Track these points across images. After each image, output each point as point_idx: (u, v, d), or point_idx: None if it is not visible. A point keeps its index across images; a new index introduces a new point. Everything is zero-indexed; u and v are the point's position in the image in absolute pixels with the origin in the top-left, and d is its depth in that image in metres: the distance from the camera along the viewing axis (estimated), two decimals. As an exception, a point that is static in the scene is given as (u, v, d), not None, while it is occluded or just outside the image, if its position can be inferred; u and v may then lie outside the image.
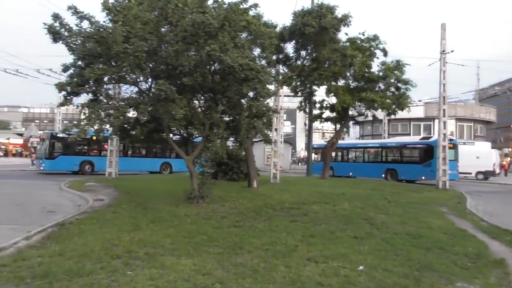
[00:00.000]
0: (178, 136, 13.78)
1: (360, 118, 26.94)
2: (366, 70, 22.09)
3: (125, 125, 11.94)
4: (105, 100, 10.63)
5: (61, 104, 10.74)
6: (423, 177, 25.19)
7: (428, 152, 25.53)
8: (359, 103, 24.34)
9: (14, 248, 6.96)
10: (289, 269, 5.89)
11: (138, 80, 10.99)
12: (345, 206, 12.04)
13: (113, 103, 10.56)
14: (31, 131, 50.43)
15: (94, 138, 24.37)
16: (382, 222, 9.80)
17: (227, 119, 12.93)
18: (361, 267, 6.08)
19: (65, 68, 10.94)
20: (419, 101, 39.76)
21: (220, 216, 10.13)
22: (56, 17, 10.02)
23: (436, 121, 25.12)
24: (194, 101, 12.83)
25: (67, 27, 10.14)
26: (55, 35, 9.92)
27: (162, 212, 10.38)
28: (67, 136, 24.15)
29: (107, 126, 11.46)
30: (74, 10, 10.09)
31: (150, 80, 11.59)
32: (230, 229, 8.58)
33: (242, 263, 6.14)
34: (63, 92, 10.57)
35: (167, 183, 19.20)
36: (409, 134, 44.16)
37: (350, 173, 29.15)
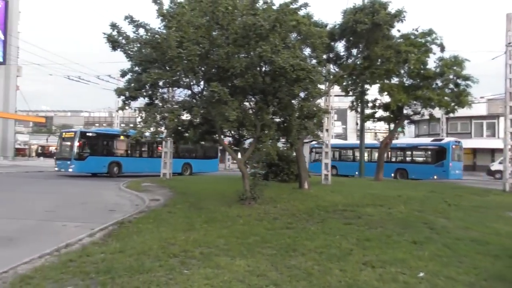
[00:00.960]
0: (230, 138, 13.96)
1: (416, 117, 25.87)
2: (422, 66, 21.13)
3: (179, 128, 12.28)
4: (160, 104, 11.01)
5: (120, 108, 11.27)
6: (435, 177, 27.22)
7: (440, 153, 28.16)
8: (415, 102, 23.36)
9: (79, 244, 7.36)
10: (345, 273, 5.75)
11: (191, 83, 11.26)
12: (401, 209, 11.60)
13: (168, 106, 10.91)
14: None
15: (122, 137, 25.50)
16: (442, 226, 9.32)
17: (278, 120, 12.91)
18: (421, 274, 5.80)
19: (123, 74, 11.47)
20: (481, 97, 37.52)
21: (272, 218, 10.13)
22: (114, 26, 10.52)
23: (501, 118, 23.68)
24: (245, 103, 12.96)
25: (124, 35, 10.64)
26: (114, 43, 10.42)
27: (215, 213, 10.55)
28: (95, 134, 25.44)
29: (162, 128, 11.86)
30: (131, 19, 10.55)
31: (202, 83, 11.85)
32: (282, 231, 8.55)
33: (296, 265, 6.09)
34: (122, 97, 11.06)
35: (219, 184, 19.53)
36: (469, 133, 41.85)
37: (356, 173, 29.15)
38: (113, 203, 13.70)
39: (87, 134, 24.87)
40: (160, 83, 10.90)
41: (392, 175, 28.46)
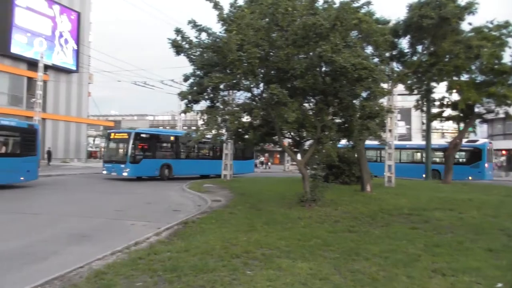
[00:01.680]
0: (290, 139, 13.91)
1: (489, 116, 24.10)
2: (496, 61, 19.62)
3: (240, 130, 12.43)
4: (221, 106, 11.23)
5: (183, 112, 11.66)
6: (470, 178, 26.95)
7: (476, 154, 28.14)
8: (487, 99, 21.77)
9: (147, 242, 7.69)
10: (412, 280, 5.47)
11: (251, 85, 11.36)
12: (473, 214, 10.86)
13: (229, 109, 11.10)
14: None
15: (172, 138, 24.67)
16: (521, 233, 8.59)
17: (338, 121, 12.65)
18: (499, 285, 5.37)
19: (186, 78, 11.86)
20: None
21: (333, 220, 9.94)
22: (178, 31, 10.90)
23: None
24: (305, 104, 12.85)
25: (188, 40, 10.98)
26: (178, 48, 10.80)
27: (275, 214, 10.56)
28: (148, 135, 23.53)
29: (223, 130, 12.08)
30: (194, 24, 10.87)
31: (262, 85, 11.92)
32: (344, 234, 8.36)
33: (360, 270, 5.90)
34: (185, 100, 11.43)
35: (278, 186, 19.53)
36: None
37: (423, 175, 27.61)
38: (177, 203, 14.21)
39: (141, 135, 22.88)
40: (221, 86, 11.10)
41: (424, 175, 27.70)
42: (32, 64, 32.08)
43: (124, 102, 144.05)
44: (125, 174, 21.92)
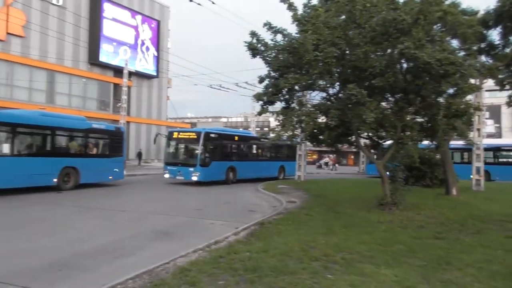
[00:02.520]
0: (368, 140, 13.43)
1: None
2: None
3: (315, 130, 12.27)
4: (297, 107, 11.15)
5: (259, 113, 11.78)
6: None
7: None
8: None
9: (226, 241, 7.85)
10: (514, 295, 4.97)
11: (327, 85, 11.16)
12: None
13: (305, 110, 11.00)
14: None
15: (236, 138, 22.93)
16: None
17: (420, 120, 11.96)
18: None
19: (261, 80, 11.95)
20: None
21: (417, 225, 9.40)
22: (253, 34, 11.04)
23: None
24: (383, 103, 12.32)
25: (263, 42, 11.07)
26: (254, 50, 10.93)
27: (353, 217, 10.25)
28: (218, 134, 20.95)
29: (298, 131, 11.99)
30: (269, 26, 10.93)
31: (338, 84, 11.66)
32: (431, 241, 7.85)
33: (452, 280, 5.48)
34: (260, 102, 11.53)
35: (353, 188, 19.02)
36: None
37: None
38: (252, 203, 14.39)
39: (211, 135, 20.39)
40: (296, 87, 11.03)
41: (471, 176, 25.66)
42: (117, 71, 34.53)
43: (200, 104, 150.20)
44: (194, 178, 19.49)
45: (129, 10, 36.60)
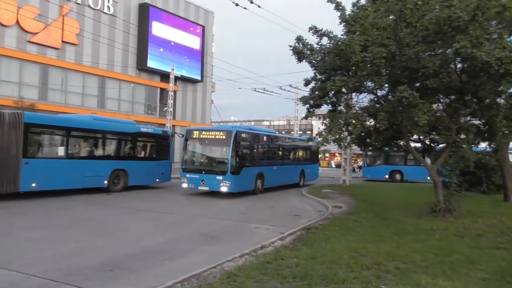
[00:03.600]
0: (419, 144, 12.87)
1: None
2: None
3: (362, 133, 11.93)
4: (344, 110, 10.89)
5: (305, 117, 11.61)
6: None
7: None
8: None
9: (272, 247, 7.76)
10: None
11: (376, 87, 10.81)
12: None
13: (353, 113, 10.72)
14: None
15: (265, 138, 19.04)
16: None
17: (476, 122, 11.31)
18: None
19: (307, 83, 11.80)
20: None
21: (474, 234, 8.86)
22: (299, 39, 10.94)
23: None
24: (434, 105, 11.77)
25: (308, 46, 10.93)
26: (299, 54, 10.81)
27: (404, 224, 9.84)
28: (249, 134, 17.00)
29: (345, 134, 11.70)
30: (315, 30, 10.79)
31: (387, 86, 11.27)
32: (492, 251, 7.36)
33: (519, 296, 5.08)
34: (307, 105, 11.37)
35: (401, 193, 18.35)
36: None
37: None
38: (297, 208, 14.21)
39: (243, 134, 16.57)
40: (343, 89, 10.77)
41: None
42: (164, 76, 35.52)
43: (243, 108, 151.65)
44: (224, 189, 15.48)
45: (175, 17, 37.57)
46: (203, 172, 16.07)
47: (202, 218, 11.29)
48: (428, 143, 12.11)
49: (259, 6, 12.86)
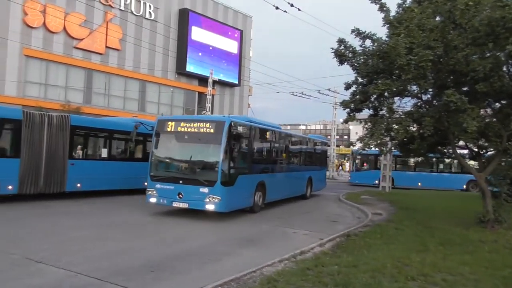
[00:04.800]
0: (465, 150, 12.32)
1: None
2: None
3: (405, 139, 11.56)
4: (387, 115, 10.59)
5: (345, 121, 11.39)
6: None
7: None
8: None
9: (311, 253, 7.65)
10: None
11: (421, 91, 10.45)
12: None
13: (396, 117, 10.40)
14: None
15: (268, 134, 14.08)
16: None
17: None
18: None
19: (347, 86, 11.57)
20: None
21: (529, 248, 8.33)
22: (341, 42, 10.76)
23: None
24: (485, 110, 11.23)
25: (351, 48, 10.73)
26: (341, 57, 10.63)
27: (450, 234, 9.41)
28: (247, 126, 12.26)
29: (387, 139, 11.38)
30: (357, 32, 10.59)
31: (431, 90, 10.88)
32: (549, 267, 6.87)
33: None
34: (347, 109, 11.15)
35: (445, 201, 17.65)
36: None
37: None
38: (335, 214, 13.97)
39: (239, 128, 11.64)
40: (386, 93, 10.48)
41: None
42: (202, 80, 36.08)
43: (279, 112, 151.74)
44: (210, 207, 10.80)
45: (214, 21, 38.11)
46: (181, 182, 11.01)
47: (239, 221, 11.28)
48: (476, 150, 11.55)
49: (299, 9, 12.77)
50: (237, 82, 41.05)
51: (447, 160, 25.79)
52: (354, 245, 8.33)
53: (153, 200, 11.49)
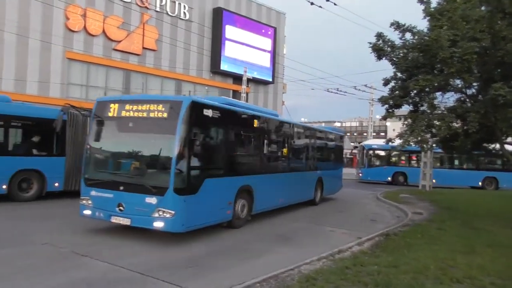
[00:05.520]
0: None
1: None
2: None
3: (447, 136, 11.12)
4: (428, 110, 10.21)
5: (384, 117, 11.10)
6: None
7: None
8: None
9: (350, 252, 7.48)
10: None
11: (465, 85, 10.01)
12: None
13: (438, 113, 10.02)
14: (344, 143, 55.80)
15: (256, 122, 10.54)
16: None
17: None
18: None
19: (386, 82, 11.27)
20: None
21: None
22: (379, 36, 10.47)
23: None
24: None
25: (389, 43, 10.43)
26: (379, 52, 10.35)
27: (498, 236, 8.98)
28: (216, 110, 8.32)
29: (428, 136, 11.01)
30: (397, 25, 10.27)
31: (476, 84, 10.40)
32: None
33: None
34: (386, 106, 10.86)
35: (491, 200, 16.85)
36: None
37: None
38: (372, 212, 13.65)
39: (205, 111, 8.34)
40: (427, 89, 10.11)
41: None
42: (236, 78, 36.24)
43: (312, 109, 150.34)
44: (158, 225, 7.53)
45: (248, 19, 38.18)
46: (122, 188, 7.91)
47: (274, 219, 11.22)
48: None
49: (335, 4, 12.52)
50: (271, 80, 40.95)
51: (463, 156, 24.98)
52: (393, 244, 8.09)
53: (87, 212, 8.27)
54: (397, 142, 10.80)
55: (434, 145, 11.69)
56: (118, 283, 5.42)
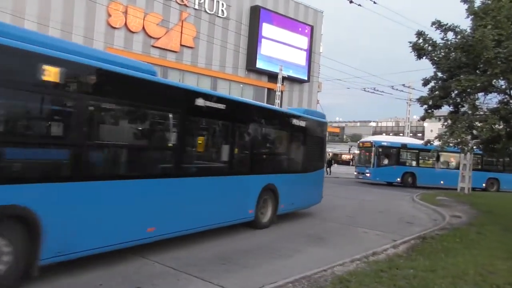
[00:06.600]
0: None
1: None
2: None
3: (489, 138, 10.74)
4: (469, 112, 9.91)
5: (423, 118, 10.86)
6: None
7: None
8: None
9: (384, 254, 7.41)
10: None
11: (510, 87, 9.64)
12: None
13: (479, 115, 9.71)
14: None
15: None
16: None
17: None
18: None
19: (426, 82, 11.02)
20: None
21: None
22: (420, 34, 10.25)
23: None
24: None
25: (430, 42, 10.18)
26: (420, 51, 10.13)
27: (542, 243, 8.61)
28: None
29: (469, 137, 10.67)
30: (438, 24, 10.02)
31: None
32: None
33: None
34: (425, 106, 10.62)
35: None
36: None
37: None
38: (409, 215, 13.40)
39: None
40: (469, 89, 9.80)
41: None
42: (271, 76, 36.29)
43: (347, 108, 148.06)
44: None
45: (285, 18, 38.11)
46: None
47: (307, 219, 11.25)
48: None
49: (374, 2, 12.33)
50: (306, 78, 40.71)
51: None
52: (430, 248, 7.94)
53: None
54: (436, 143, 10.56)
55: (474, 147, 11.32)
56: (153, 277, 5.58)
